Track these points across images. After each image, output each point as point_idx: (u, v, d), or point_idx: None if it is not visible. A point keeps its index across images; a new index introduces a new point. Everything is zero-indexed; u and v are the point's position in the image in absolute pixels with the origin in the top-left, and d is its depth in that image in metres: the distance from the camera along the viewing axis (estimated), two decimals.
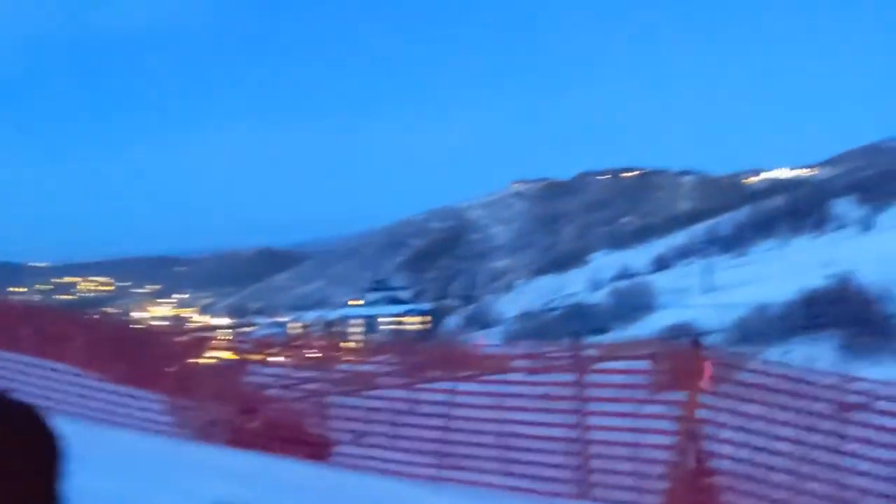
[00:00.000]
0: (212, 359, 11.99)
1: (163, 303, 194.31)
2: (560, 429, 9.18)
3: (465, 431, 9.49)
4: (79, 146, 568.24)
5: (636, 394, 8.94)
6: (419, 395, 10.11)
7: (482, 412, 9.46)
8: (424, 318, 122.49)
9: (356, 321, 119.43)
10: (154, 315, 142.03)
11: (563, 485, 8.98)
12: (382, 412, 10.02)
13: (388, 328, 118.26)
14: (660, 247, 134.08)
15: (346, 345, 20.02)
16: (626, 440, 8.58)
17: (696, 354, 8.31)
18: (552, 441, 9.08)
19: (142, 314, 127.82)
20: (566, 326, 74.14)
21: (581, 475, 8.95)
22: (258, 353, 12.23)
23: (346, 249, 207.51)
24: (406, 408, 10.15)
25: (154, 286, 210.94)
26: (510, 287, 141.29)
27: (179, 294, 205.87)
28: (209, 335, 14.78)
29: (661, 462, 8.50)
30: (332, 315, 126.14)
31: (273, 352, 12.33)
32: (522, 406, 9.35)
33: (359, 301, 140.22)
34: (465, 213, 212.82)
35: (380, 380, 10.84)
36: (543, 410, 9.33)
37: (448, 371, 10.43)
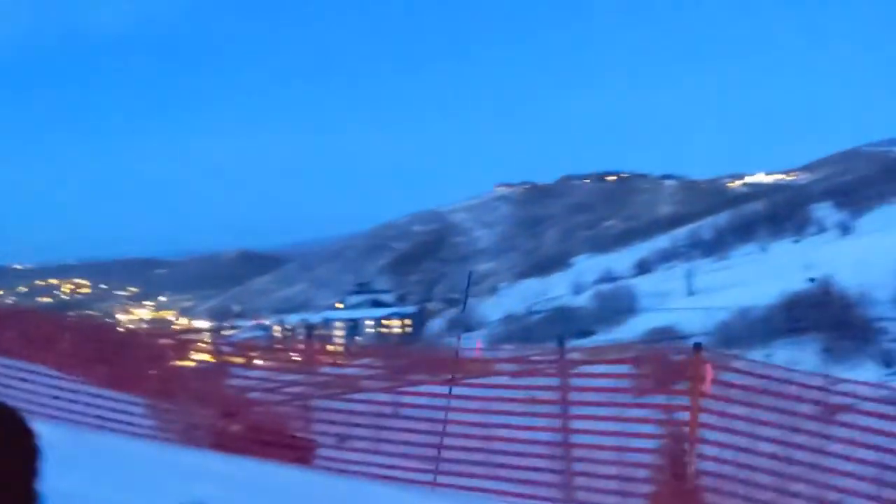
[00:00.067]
0: (194, 362, 11.93)
1: (143, 305, 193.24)
2: (544, 432, 9.20)
3: (450, 435, 9.47)
4: (61, 149, 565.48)
5: (620, 398, 8.95)
6: (402, 399, 10.10)
7: (466, 416, 9.45)
8: (408, 322, 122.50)
9: (339, 324, 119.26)
10: (134, 318, 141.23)
11: (548, 488, 8.98)
12: (366, 415, 10.00)
13: (372, 331, 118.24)
14: (642, 250, 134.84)
15: (330, 348, 19.97)
16: (611, 444, 8.58)
17: (697, 358, 8.32)
18: (536, 444, 9.07)
19: (124, 317, 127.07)
20: (550, 330, 74.29)
21: (565, 479, 8.96)
22: (241, 357, 12.17)
23: (329, 252, 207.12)
24: (390, 411, 10.15)
25: (134, 289, 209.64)
26: (494, 290, 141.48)
27: (160, 296, 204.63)
28: (192, 338, 14.70)
29: (646, 465, 8.51)
30: (315, 318, 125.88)
31: (256, 355, 12.28)
32: (506, 410, 9.34)
33: (341, 304, 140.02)
34: (449, 217, 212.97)
35: (363, 383, 10.82)
36: (527, 414, 9.33)
37: (432, 374, 10.41)
